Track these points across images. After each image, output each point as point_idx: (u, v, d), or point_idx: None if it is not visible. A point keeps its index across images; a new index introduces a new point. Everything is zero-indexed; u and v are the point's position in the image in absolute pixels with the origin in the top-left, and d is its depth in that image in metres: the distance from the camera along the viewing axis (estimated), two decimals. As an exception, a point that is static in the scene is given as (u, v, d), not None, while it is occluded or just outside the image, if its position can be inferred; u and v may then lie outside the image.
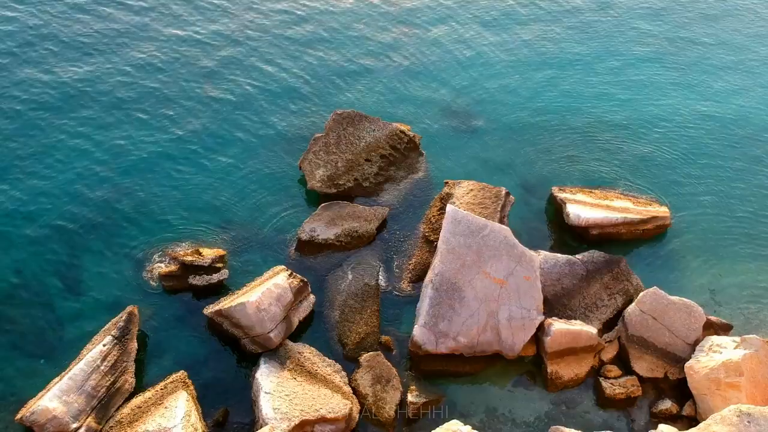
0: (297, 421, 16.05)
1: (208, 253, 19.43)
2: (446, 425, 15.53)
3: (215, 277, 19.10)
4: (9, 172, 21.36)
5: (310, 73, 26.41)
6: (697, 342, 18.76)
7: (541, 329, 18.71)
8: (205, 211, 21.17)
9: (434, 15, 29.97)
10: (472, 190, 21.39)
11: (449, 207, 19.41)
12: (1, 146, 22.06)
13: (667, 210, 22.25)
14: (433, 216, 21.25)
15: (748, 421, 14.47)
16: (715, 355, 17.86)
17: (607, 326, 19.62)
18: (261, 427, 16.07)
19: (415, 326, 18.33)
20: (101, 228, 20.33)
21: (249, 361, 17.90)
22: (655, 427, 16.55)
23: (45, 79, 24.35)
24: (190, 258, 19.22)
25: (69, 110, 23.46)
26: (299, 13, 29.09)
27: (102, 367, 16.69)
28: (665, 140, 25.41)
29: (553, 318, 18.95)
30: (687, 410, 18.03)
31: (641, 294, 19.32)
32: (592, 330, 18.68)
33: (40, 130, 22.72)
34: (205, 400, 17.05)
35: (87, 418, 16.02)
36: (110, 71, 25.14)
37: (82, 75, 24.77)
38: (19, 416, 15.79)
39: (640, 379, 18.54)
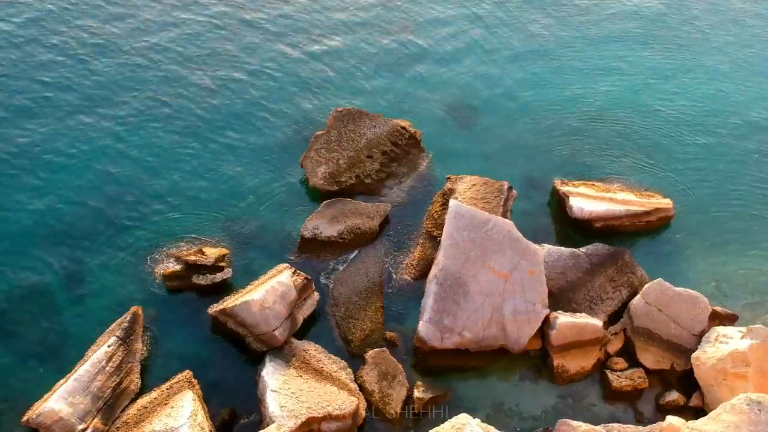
0: (304, 419, 16.01)
1: (211, 253, 19.38)
2: (455, 419, 15.46)
3: (219, 276, 19.05)
4: (8, 174, 21.30)
5: (310, 71, 26.33)
6: (702, 333, 18.73)
7: (546, 323, 18.67)
8: (207, 210, 21.10)
9: (433, 12, 29.89)
10: (474, 184, 21.34)
11: (452, 202, 19.37)
12: (1, 148, 22.01)
13: (670, 201, 22.21)
14: (436, 211, 21.21)
15: (758, 410, 14.42)
16: (722, 346, 17.82)
17: (612, 319, 19.58)
18: (267, 426, 16.02)
19: (420, 322, 18.29)
20: (104, 229, 20.26)
21: (254, 360, 17.85)
22: (663, 419, 16.50)
23: (44, 79, 24.29)
24: (193, 258, 19.17)
25: (69, 112, 23.37)
26: (299, 12, 28.99)
27: (107, 368, 16.65)
28: (667, 131, 25.37)
29: (558, 311, 18.91)
30: (694, 401, 18.01)
31: (646, 286, 19.29)
32: (598, 323, 18.64)
33: (42, 131, 22.64)
34: (211, 400, 17.01)
35: (93, 419, 15.97)
36: (100, 68, 25.04)
37: (79, 74, 24.71)
38: (25, 418, 15.76)
39: (647, 371, 18.51)
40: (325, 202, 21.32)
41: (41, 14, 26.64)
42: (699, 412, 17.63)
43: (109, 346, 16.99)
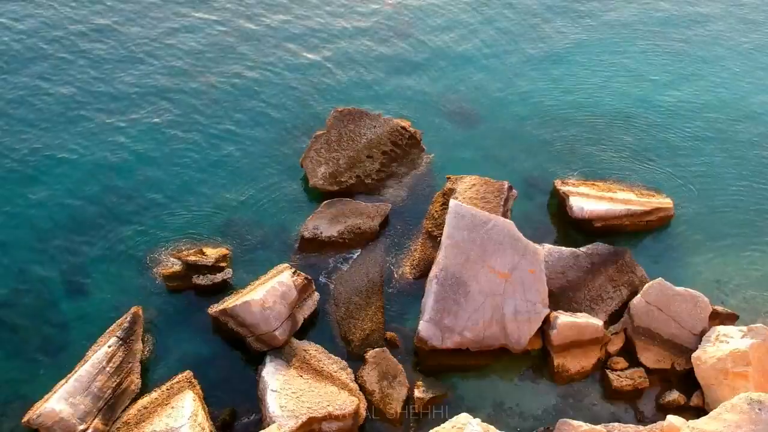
0: (305, 419, 16.00)
1: (212, 253, 19.38)
2: (455, 419, 15.46)
3: (219, 277, 19.06)
4: (8, 175, 21.29)
5: (312, 71, 26.35)
6: (703, 332, 18.71)
7: (546, 322, 18.65)
8: (208, 210, 21.12)
9: (434, 12, 29.91)
10: (474, 184, 21.34)
11: (452, 202, 19.37)
12: (3, 145, 22.00)
13: (671, 201, 22.20)
14: (436, 211, 21.20)
15: (759, 409, 14.41)
16: (722, 345, 17.80)
17: (612, 318, 19.57)
18: (268, 426, 16.01)
19: (421, 322, 18.28)
20: (104, 230, 20.28)
21: (255, 360, 17.84)
22: (663, 418, 16.50)
23: (48, 76, 24.32)
24: (193, 258, 19.17)
25: (72, 110, 23.40)
26: (302, 13, 29.02)
27: (108, 369, 16.64)
28: (667, 131, 25.37)
29: (559, 311, 18.90)
30: (695, 401, 17.99)
31: (646, 285, 19.27)
32: (598, 322, 18.63)
33: (44, 127, 22.68)
34: (211, 400, 17.00)
35: (94, 419, 15.96)
36: (105, 65, 25.09)
37: (76, 74, 24.73)
38: (25, 419, 15.75)
39: (647, 370, 18.49)
40: (326, 202, 21.32)
41: (45, 12, 26.70)
42: (700, 411, 17.59)
43: (109, 347, 16.99)
